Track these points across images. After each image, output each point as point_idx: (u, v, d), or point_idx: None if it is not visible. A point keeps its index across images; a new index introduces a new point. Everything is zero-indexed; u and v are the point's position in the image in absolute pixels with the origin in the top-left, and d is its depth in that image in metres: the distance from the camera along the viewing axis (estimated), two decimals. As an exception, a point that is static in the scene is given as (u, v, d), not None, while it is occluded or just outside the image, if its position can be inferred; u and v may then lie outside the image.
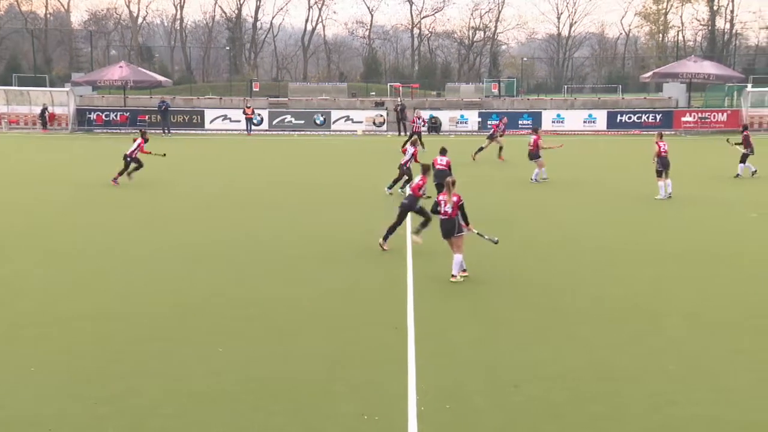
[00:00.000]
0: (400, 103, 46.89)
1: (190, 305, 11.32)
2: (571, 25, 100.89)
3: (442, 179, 15.56)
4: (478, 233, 13.09)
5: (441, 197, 12.67)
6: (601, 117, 45.48)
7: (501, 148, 29.78)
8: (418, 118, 36.64)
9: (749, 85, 47.33)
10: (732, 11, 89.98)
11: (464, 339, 9.94)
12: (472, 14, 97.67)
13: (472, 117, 46.69)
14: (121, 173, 23.59)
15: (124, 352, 9.45)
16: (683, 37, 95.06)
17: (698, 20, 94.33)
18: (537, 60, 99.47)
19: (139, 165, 23.76)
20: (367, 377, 8.71)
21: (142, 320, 10.66)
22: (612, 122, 45.06)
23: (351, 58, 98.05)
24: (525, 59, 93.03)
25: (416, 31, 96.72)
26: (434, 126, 45.21)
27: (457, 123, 46.28)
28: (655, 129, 43.00)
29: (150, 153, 23.90)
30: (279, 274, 13.20)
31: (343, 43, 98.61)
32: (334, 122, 47.05)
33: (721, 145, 27.44)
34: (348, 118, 47.32)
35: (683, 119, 44.03)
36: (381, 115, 47.30)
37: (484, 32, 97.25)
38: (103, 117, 47.57)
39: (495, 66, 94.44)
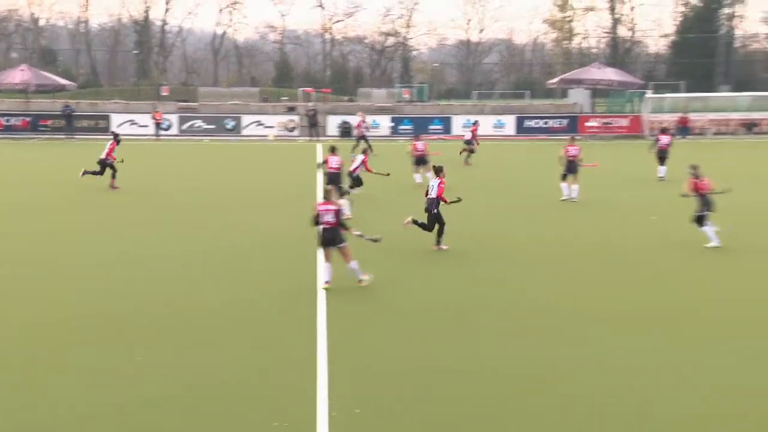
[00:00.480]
0: (312, 108, 46.78)
1: (109, 315, 11.07)
2: (480, 32, 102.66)
3: (334, 182, 15.76)
4: (358, 235, 13.25)
5: (322, 207, 12.57)
6: (510, 122, 46.39)
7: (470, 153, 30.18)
8: (363, 121, 36.84)
9: (649, 92, 49.13)
10: (633, 20, 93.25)
11: (376, 342, 10.01)
12: (383, 19, 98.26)
13: (384, 122, 46.96)
14: (94, 173, 23.46)
15: (42, 361, 9.18)
16: (587, 44, 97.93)
17: (601, 28, 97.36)
18: (447, 66, 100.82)
19: (114, 170, 23.62)
20: (278, 383, 8.69)
21: (67, 327, 10.39)
22: (520, 127, 46.00)
23: (262, 62, 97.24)
24: (436, 65, 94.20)
25: (328, 35, 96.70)
26: (346, 130, 45.31)
27: (369, 128, 46.45)
28: (561, 134, 44.14)
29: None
30: (189, 281, 13.01)
31: (254, 47, 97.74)
32: (245, 127, 46.56)
33: (625, 149, 28.36)
34: (259, 123, 46.90)
35: (587, 124, 45.32)
36: (293, 120, 47.09)
37: (396, 38, 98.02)
38: (3, 122, 45.82)
39: (407, 71, 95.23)
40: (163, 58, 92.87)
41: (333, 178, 18.08)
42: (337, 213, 12.41)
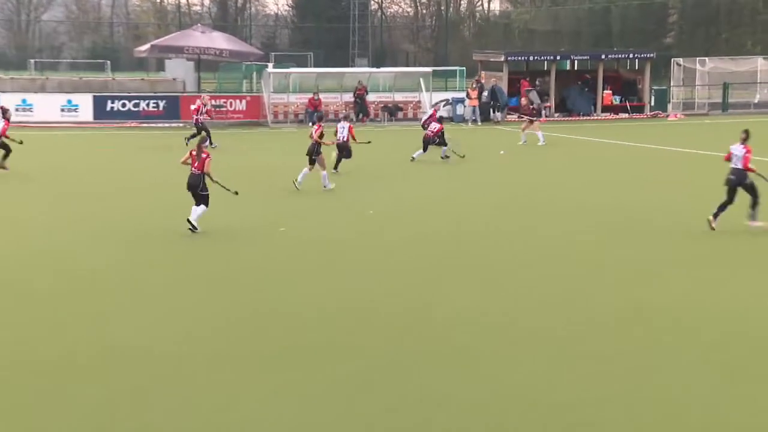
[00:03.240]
0: None
1: None
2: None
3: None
4: (220, 184, 18.97)
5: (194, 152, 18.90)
6: (85, 104, 45.62)
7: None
8: (204, 105, 36.37)
9: (271, 65, 51.11)
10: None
11: None
12: None
13: None
14: None
15: None
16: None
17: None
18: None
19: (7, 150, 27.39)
20: None
21: None
22: (101, 111, 45.42)
23: None
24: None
25: None
26: None
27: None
28: (159, 120, 44.58)
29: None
30: None
31: None
32: None
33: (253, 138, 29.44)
34: None
35: (194, 107, 45.82)
36: None
37: None
38: None
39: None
40: None
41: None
42: (203, 162, 18.95)
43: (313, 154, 24.58)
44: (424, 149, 31.01)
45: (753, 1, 71.14)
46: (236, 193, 19.72)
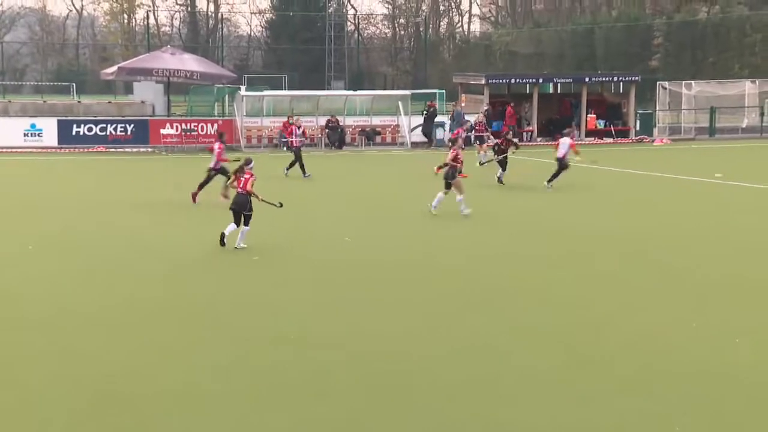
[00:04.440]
0: None
1: None
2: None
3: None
4: (266, 201, 20.05)
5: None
6: (49, 128, 45.53)
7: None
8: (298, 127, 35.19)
9: (243, 87, 51.28)
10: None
11: None
12: None
13: None
14: (201, 187, 27.18)
15: None
16: (156, 19, 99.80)
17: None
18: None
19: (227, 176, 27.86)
20: None
21: None
22: (66, 135, 45.32)
23: None
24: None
25: None
26: None
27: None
28: (127, 145, 44.58)
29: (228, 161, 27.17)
30: None
31: None
32: None
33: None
34: None
35: (164, 131, 45.96)
36: None
37: None
38: None
39: None
40: None
41: None
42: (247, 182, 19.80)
43: (450, 178, 24.42)
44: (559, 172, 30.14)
45: (740, 24, 71.87)
46: (281, 204, 20.67)
